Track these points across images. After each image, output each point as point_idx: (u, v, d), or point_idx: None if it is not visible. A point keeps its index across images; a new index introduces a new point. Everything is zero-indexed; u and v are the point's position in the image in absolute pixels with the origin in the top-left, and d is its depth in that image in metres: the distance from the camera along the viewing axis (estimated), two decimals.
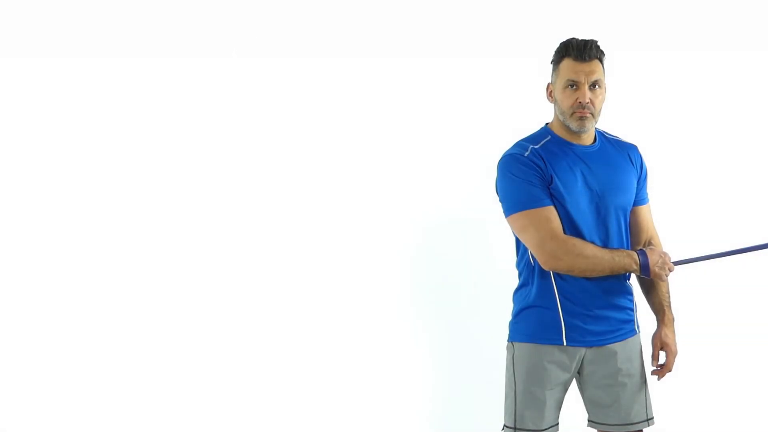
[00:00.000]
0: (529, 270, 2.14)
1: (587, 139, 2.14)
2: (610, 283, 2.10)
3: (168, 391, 3.02)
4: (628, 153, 2.19)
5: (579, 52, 2.05)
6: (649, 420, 2.18)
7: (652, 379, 2.23)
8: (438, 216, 3.15)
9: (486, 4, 3.17)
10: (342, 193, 3.10)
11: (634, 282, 2.23)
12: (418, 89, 3.12)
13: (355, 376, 3.11)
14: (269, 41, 3.07)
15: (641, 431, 2.17)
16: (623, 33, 3.15)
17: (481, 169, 3.04)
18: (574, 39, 2.09)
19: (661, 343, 2.20)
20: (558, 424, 2.16)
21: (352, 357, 3.11)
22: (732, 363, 3.22)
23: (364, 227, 3.11)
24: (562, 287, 2.08)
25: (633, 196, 2.17)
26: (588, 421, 2.21)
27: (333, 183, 3.10)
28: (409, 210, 3.13)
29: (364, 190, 3.11)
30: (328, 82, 3.09)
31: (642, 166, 2.22)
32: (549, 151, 2.09)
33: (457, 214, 3.14)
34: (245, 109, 3.06)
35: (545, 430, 2.12)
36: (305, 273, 3.08)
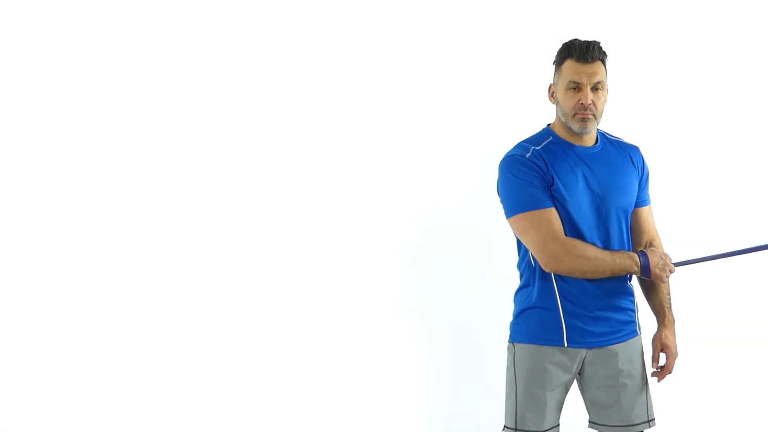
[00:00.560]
0: (530, 271, 2.15)
1: (589, 141, 2.14)
2: (611, 285, 2.11)
3: (168, 391, 3.03)
4: (629, 154, 2.19)
5: (581, 53, 2.05)
6: (650, 421, 2.18)
7: (652, 380, 2.23)
8: (438, 216, 3.16)
9: (485, 3, 3.18)
10: (343, 193, 3.11)
11: (635, 283, 2.22)
12: (418, 89, 3.13)
13: (355, 376, 3.12)
14: (268, 41, 3.07)
15: None
16: (626, 32, 3.16)
17: (481, 170, 3.03)
18: (576, 40, 2.08)
19: (661, 345, 2.21)
20: (559, 425, 2.16)
21: (353, 357, 3.11)
22: (731, 363, 3.23)
23: (364, 227, 3.12)
24: (563, 288, 2.09)
25: (634, 198, 2.17)
26: (589, 422, 2.22)
27: (334, 184, 3.10)
28: (409, 210, 3.14)
29: (365, 191, 3.12)
30: (329, 82, 3.09)
31: (644, 167, 2.22)
32: (550, 152, 2.09)
33: (458, 213, 3.15)
34: (245, 108, 3.06)
35: (546, 431, 2.12)
36: (305, 273, 3.09)
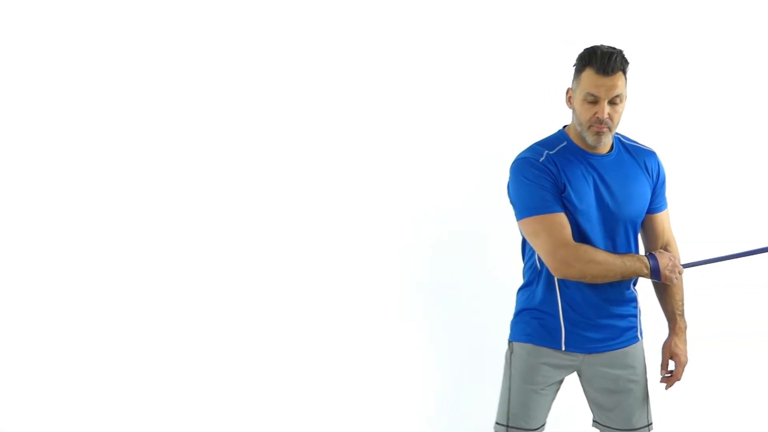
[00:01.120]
0: (535, 273, 2.14)
1: (603, 148, 2.11)
2: (614, 292, 2.11)
3: (168, 390, 3.02)
4: (644, 160, 2.15)
5: (602, 64, 1.97)
6: (649, 425, 2.18)
7: (659, 386, 2.23)
8: (438, 216, 3.15)
9: (489, 3, 3.17)
10: (343, 193, 3.09)
11: (645, 288, 2.22)
12: (417, 90, 3.12)
13: (355, 376, 3.11)
14: (266, 41, 3.04)
15: None
16: (639, 34, 3.15)
17: (482, 170, 3.05)
18: (599, 48, 2.01)
19: (670, 352, 2.20)
20: (545, 424, 2.18)
21: (353, 357, 3.11)
22: (728, 364, 3.24)
23: (363, 227, 3.11)
24: (566, 294, 2.09)
25: (645, 207, 2.15)
26: (592, 421, 2.23)
27: (332, 184, 3.09)
28: (408, 210, 3.13)
29: (365, 191, 3.11)
30: (327, 82, 3.08)
31: (659, 173, 2.19)
32: (564, 158, 2.07)
33: (457, 214, 3.15)
34: (244, 108, 3.04)
35: (536, 429, 2.14)
36: (305, 274, 3.08)
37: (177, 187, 3.01)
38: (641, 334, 2.20)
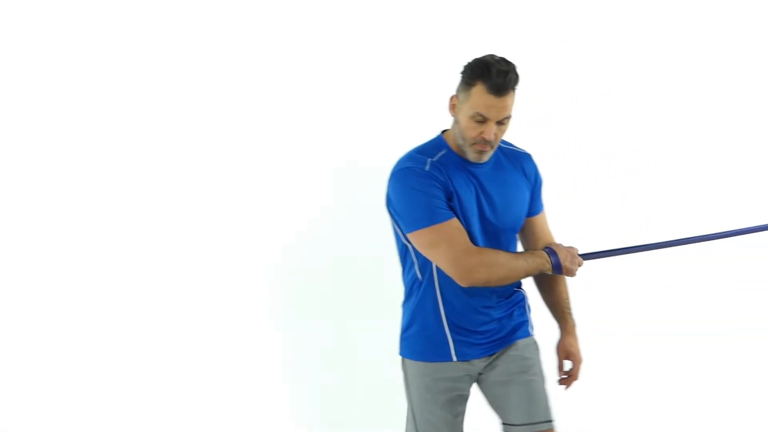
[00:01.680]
0: (416, 285, 2.06)
1: None
2: (495, 295, 2.05)
3: (167, 390, 3.03)
4: (522, 165, 2.09)
5: (496, 84, 1.85)
6: (549, 422, 2.09)
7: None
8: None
9: (489, 3, 3.17)
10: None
11: (527, 287, 2.19)
12: (418, 88, 3.10)
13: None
14: (263, 39, 3.04)
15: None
16: (639, 34, 3.16)
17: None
18: (493, 65, 1.87)
19: (566, 352, 2.15)
20: None
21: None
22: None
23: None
24: (448, 303, 2.02)
25: (525, 212, 2.10)
26: (500, 424, 2.15)
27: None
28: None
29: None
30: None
31: (536, 177, 2.13)
32: (446, 166, 1.97)
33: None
34: (243, 107, 3.04)
35: None
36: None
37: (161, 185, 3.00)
38: (532, 328, 2.15)
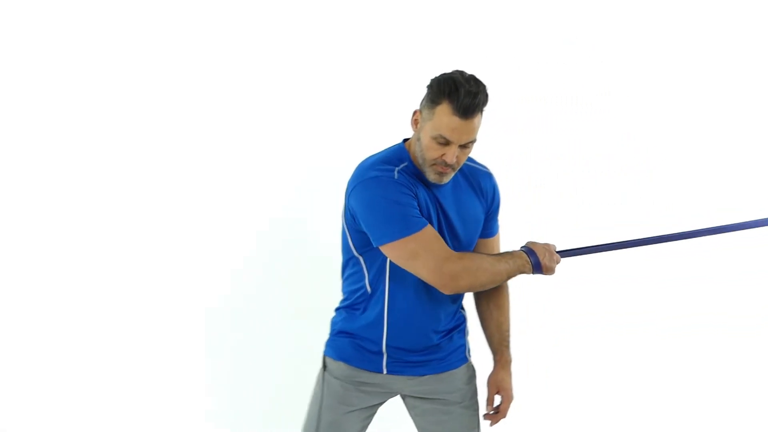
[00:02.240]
0: (363, 298, 1.96)
1: None
2: (440, 312, 1.97)
3: (167, 390, 3.03)
4: (479, 182, 2.00)
5: (463, 106, 1.75)
6: None
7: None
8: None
9: (489, 3, 3.16)
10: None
11: (470, 311, 2.13)
12: (418, 89, 3.11)
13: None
14: (262, 38, 3.05)
15: None
16: (638, 34, 3.16)
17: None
18: (462, 85, 1.76)
19: (497, 386, 2.07)
20: None
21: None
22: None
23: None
24: (394, 321, 1.93)
25: (479, 231, 2.01)
26: None
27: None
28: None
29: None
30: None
31: (494, 196, 2.04)
32: (408, 178, 1.87)
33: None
34: (241, 106, 3.06)
35: None
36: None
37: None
38: (469, 353, 2.09)
